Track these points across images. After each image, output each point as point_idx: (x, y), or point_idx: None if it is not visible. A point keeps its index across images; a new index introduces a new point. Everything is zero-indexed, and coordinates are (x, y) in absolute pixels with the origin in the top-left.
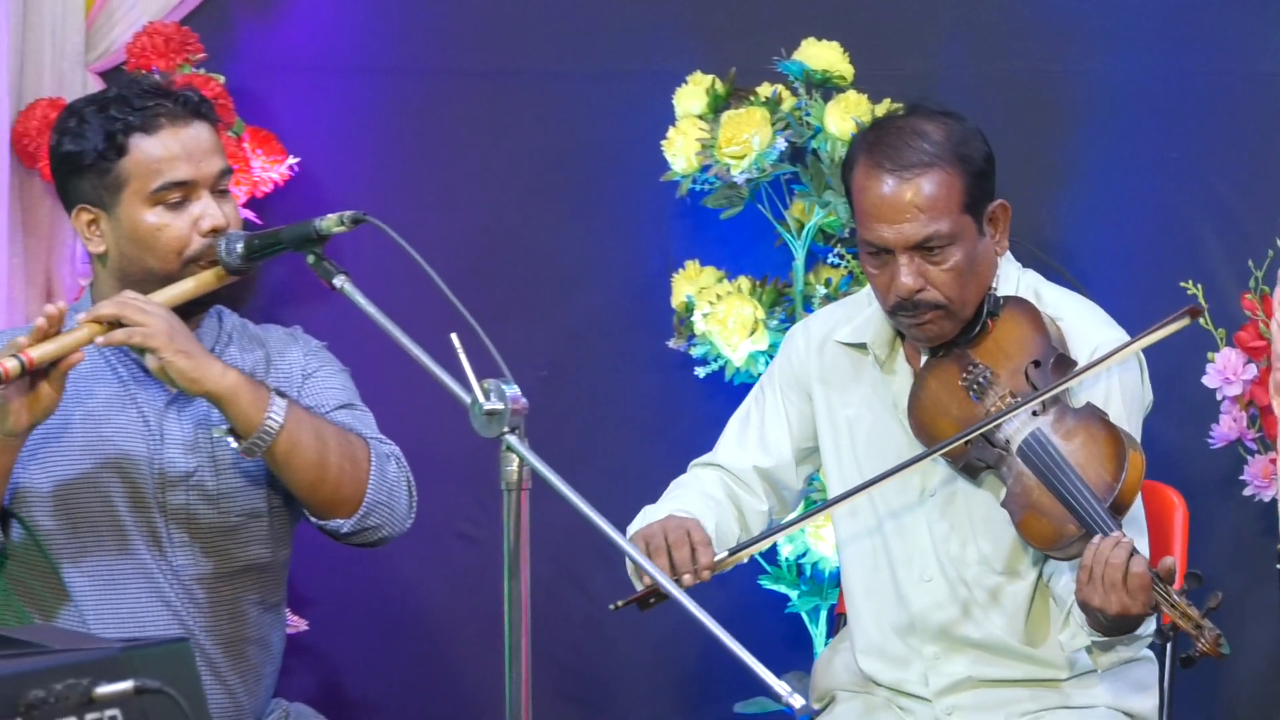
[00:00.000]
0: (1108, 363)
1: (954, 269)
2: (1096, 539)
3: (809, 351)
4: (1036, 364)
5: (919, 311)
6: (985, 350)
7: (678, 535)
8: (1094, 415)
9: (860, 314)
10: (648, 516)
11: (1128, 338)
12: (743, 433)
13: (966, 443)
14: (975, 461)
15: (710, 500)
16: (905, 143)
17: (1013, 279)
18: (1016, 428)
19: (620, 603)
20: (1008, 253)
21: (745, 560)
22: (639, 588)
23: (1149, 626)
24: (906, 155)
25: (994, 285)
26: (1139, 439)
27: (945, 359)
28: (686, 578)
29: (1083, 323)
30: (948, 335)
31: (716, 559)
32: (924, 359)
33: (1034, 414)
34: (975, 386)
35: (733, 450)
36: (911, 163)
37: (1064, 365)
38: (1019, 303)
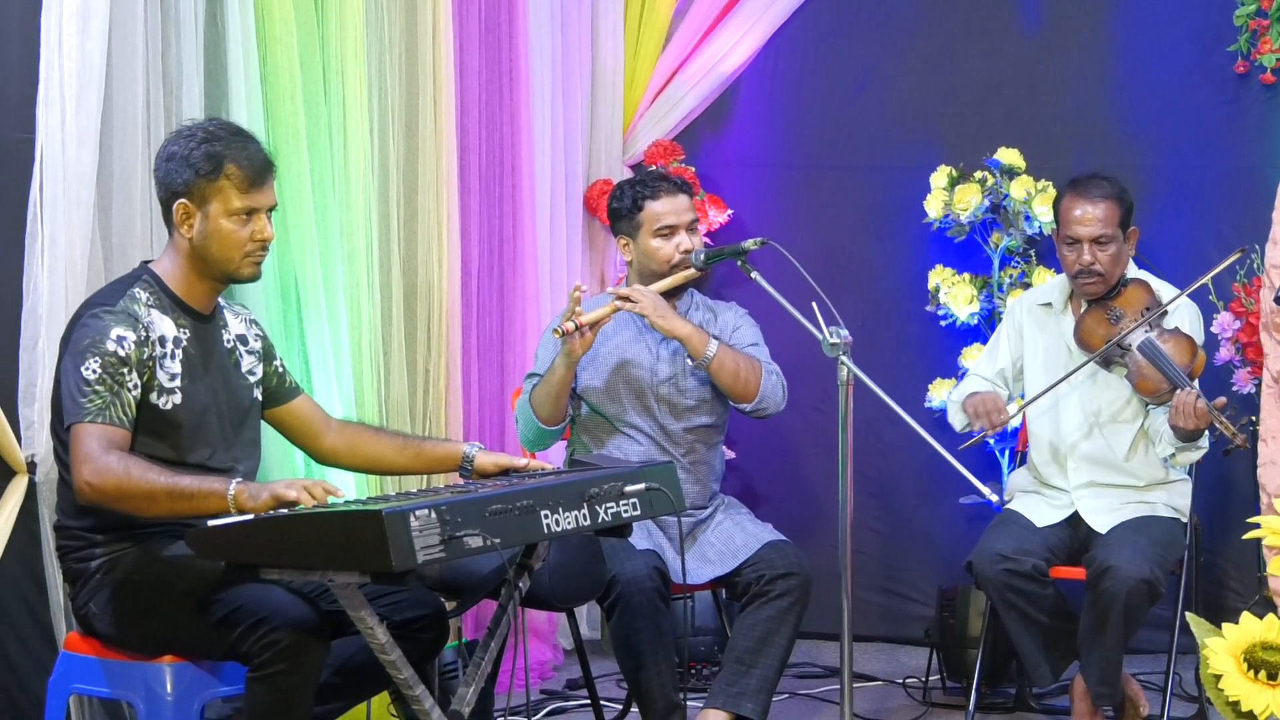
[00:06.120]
0: (1179, 300)
1: (1110, 255)
2: (1180, 392)
3: (1022, 310)
4: (1148, 308)
5: (1090, 276)
6: (1120, 302)
7: (992, 403)
8: (1179, 331)
9: (1048, 291)
10: (964, 393)
11: (1190, 300)
12: (988, 358)
13: (1108, 344)
14: (1111, 357)
15: (988, 386)
16: (1095, 184)
17: (1134, 270)
18: (1136, 337)
19: (967, 445)
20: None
21: (1020, 412)
22: (974, 432)
23: (1205, 441)
24: (1094, 191)
25: (1125, 271)
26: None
27: (1097, 307)
28: (997, 428)
29: (1169, 291)
30: (1099, 294)
31: (1010, 414)
32: (1084, 309)
33: (1146, 331)
34: (1114, 317)
35: (984, 367)
36: (1096, 195)
37: (1161, 310)
38: (1139, 280)
